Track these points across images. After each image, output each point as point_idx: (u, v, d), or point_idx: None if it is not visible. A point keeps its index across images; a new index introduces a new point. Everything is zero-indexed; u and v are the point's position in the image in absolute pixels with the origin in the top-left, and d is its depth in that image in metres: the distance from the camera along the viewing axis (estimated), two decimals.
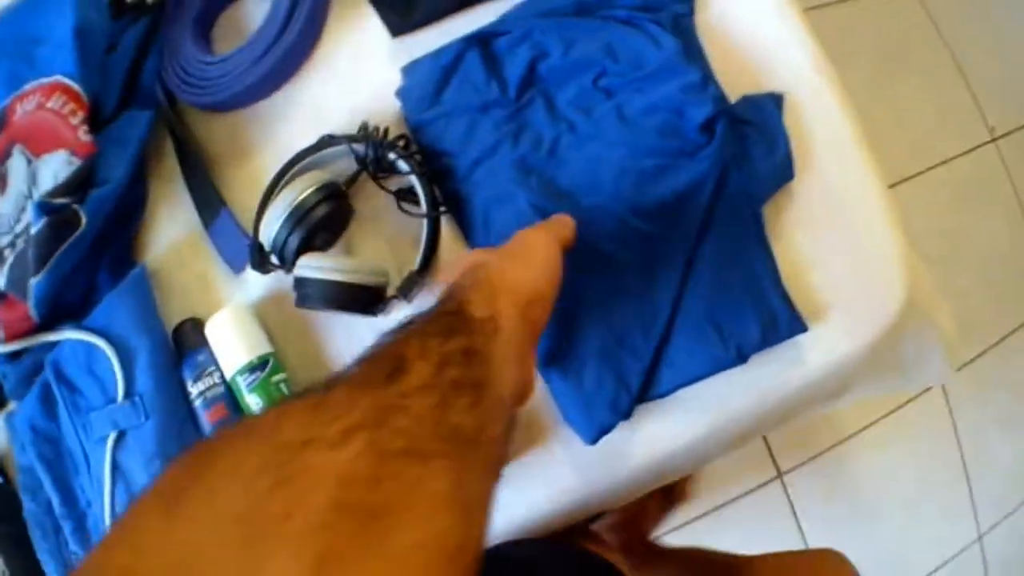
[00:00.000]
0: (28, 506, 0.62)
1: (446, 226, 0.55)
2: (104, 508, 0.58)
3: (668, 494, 1.14)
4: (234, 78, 0.59)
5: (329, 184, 0.53)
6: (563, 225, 0.46)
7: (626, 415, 0.49)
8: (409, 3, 0.59)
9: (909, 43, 1.37)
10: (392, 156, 0.53)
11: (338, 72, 0.59)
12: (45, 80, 0.65)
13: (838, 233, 0.50)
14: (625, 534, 1.07)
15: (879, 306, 0.48)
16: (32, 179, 0.63)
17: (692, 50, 0.53)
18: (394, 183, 0.55)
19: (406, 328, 0.33)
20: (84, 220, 0.57)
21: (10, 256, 0.61)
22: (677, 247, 0.50)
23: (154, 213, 0.62)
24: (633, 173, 0.51)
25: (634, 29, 0.53)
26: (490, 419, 0.30)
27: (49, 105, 0.63)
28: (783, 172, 0.51)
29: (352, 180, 0.56)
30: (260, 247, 0.54)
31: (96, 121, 0.63)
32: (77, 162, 0.60)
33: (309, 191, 0.52)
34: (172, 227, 0.61)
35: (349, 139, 0.55)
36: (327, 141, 0.55)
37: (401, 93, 0.56)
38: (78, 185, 0.59)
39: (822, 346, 0.49)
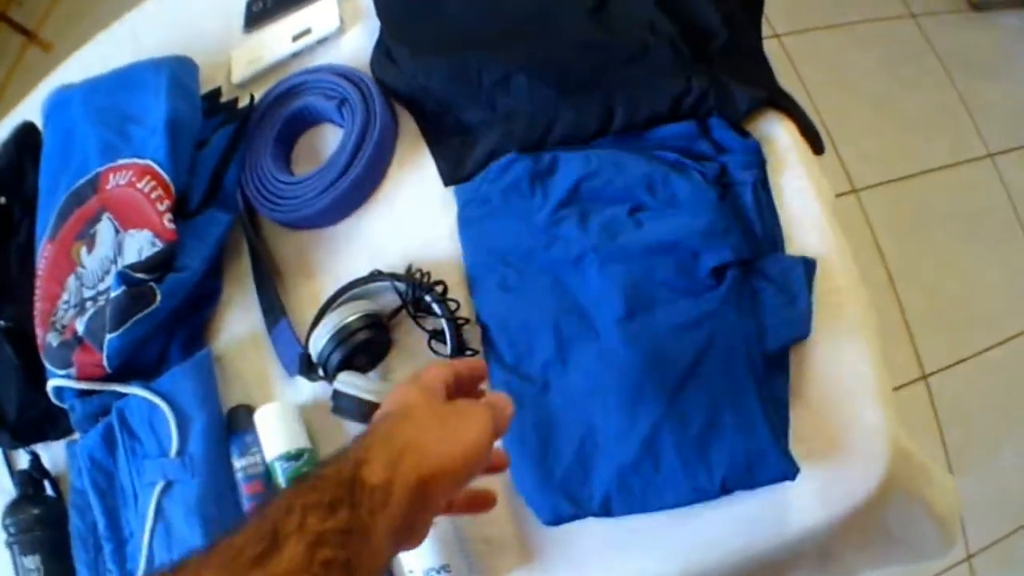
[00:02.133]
0: (75, 522, 0.73)
1: None
2: (143, 541, 0.69)
3: None
4: (304, 202, 0.69)
5: (373, 314, 0.64)
6: (505, 411, 0.44)
7: (589, 514, 0.54)
8: (461, 156, 0.69)
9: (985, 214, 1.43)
10: (429, 299, 0.64)
11: (397, 210, 0.70)
12: (139, 161, 0.74)
13: (832, 409, 0.53)
14: None
15: (859, 479, 0.51)
16: (118, 248, 0.73)
17: (750, 213, 0.58)
18: (429, 323, 0.66)
19: (297, 488, 0.33)
20: (159, 299, 0.67)
21: (91, 308, 0.71)
22: (667, 376, 0.54)
23: (226, 306, 0.73)
24: (642, 300, 0.56)
25: (680, 173, 0.60)
26: None
27: (140, 186, 0.73)
28: (799, 326, 0.54)
29: (394, 314, 0.66)
30: (309, 358, 0.64)
31: (180, 210, 0.73)
32: (160, 245, 0.70)
33: (354, 317, 0.62)
34: (240, 323, 0.72)
35: (394, 277, 0.65)
36: (376, 276, 0.66)
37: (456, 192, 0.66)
38: (158, 266, 0.69)
39: (797, 509, 0.52)
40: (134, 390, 0.70)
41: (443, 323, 0.64)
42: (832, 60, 1.59)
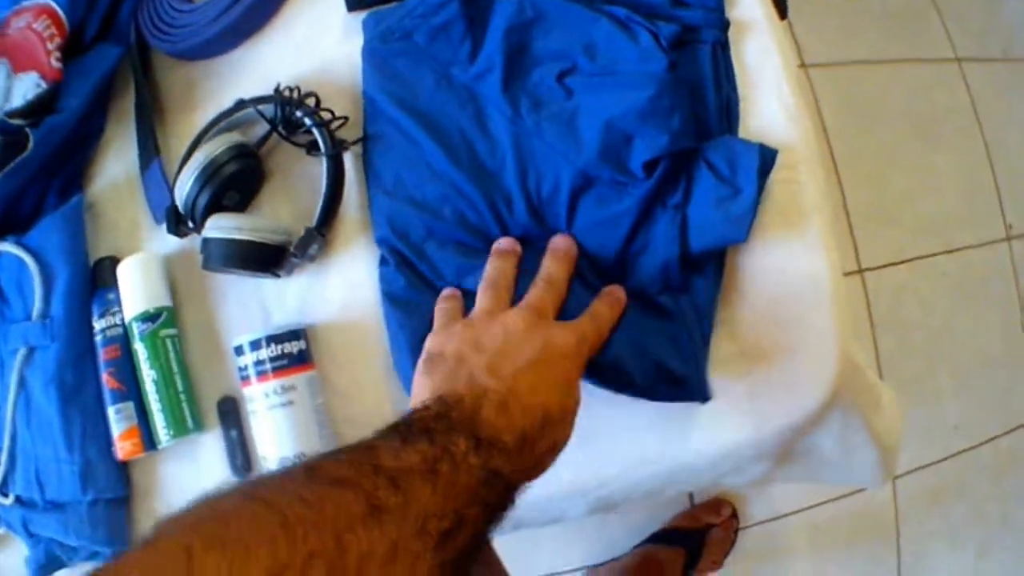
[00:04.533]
0: None
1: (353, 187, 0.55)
2: (7, 413, 0.61)
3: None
4: (196, 29, 0.60)
5: (239, 144, 0.54)
6: (601, 323, 0.44)
7: None
8: None
9: (943, 117, 1.27)
10: (300, 113, 0.54)
11: (294, 39, 0.60)
12: (40, 1, 0.67)
13: (778, 311, 0.47)
14: None
15: (798, 397, 0.46)
16: (6, 94, 0.66)
17: (706, 79, 0.49)
18: (305, 139, 0.55)
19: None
20: (31, 146, 0.60)
21: None
22: (587, 280, 0.48)
23: (106, 146, 0.64)
24: (559, 186, 0.48)
25: (626, 33, 0.49)
26: None
27: (35, 26, 0.66)
28: (733, 229, 0.46)
29: (262, 141, 0.57)
30: (176, 210, 0.55)
31: (74, 47, 0.66)
32: (44, 86, 0.63)
33: (219, 151, 0.53)
34: (117, 165, 0.63)
35: (258, 101, 0.56)
36: (241, 104, 0.56)
37: (365, 23, 0.56)
38: (39, 108, 0.61)
39: (723, 424, 0.47)
40: (3, 246, 0.63)
41: (315, 131, 0.54)
42: None
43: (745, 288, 0.47)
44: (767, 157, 0.46)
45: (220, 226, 0.52)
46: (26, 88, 0.64)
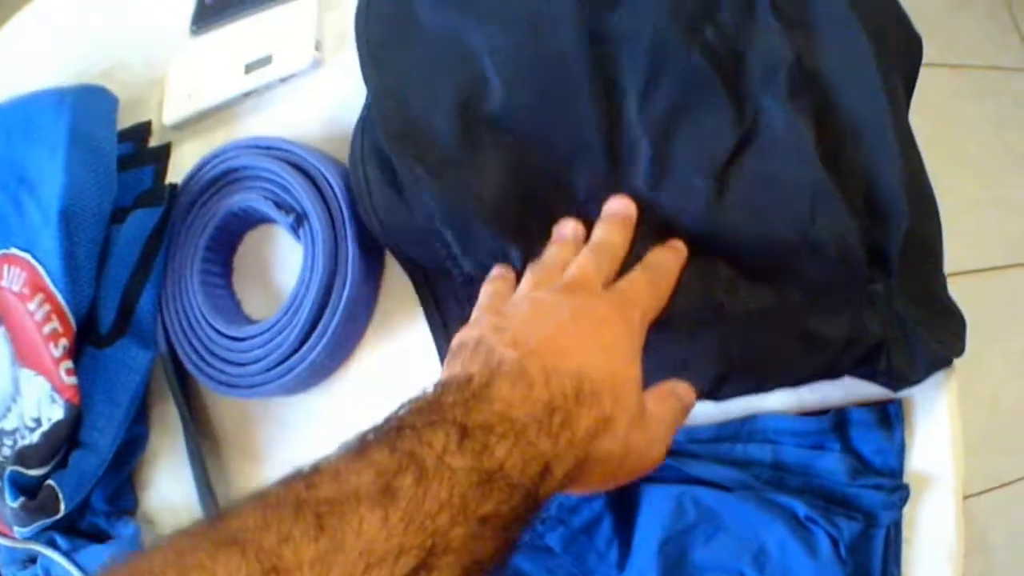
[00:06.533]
0: None
1: None
2: None
3: None
4: (250, 375, 0.47)
5: None
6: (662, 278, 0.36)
7: None
8: None
9: None
10: None
11: (376, 373, 0.49)
12: (30, 260, 0.53)
13: None
14: None
15: None
16: (16, 387, 0.54)
17: (875, 570, 0.40)
18: None
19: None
20: (63, 506, 0.50)
21: None
22: None
23: (154, 458, 0.56)
24: None
25: (803, 539, 0.40)
26: None
27: (31, 307, 0.53)
28: None
29: None
30: None
31: (87, 334, 0.53)
32: (59, 402, 0.51)
33: None
34: (172, 482, 0.54)
35: None
36: None
37: None
38: (58, 446, 0.51)
39: None
40: (53, 556, 0.55)
41: None
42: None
43: None
44: None
45: None
46: (39, 398, 0.53)
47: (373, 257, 0.48)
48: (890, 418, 0.41)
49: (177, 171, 0.54)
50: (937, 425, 0.42)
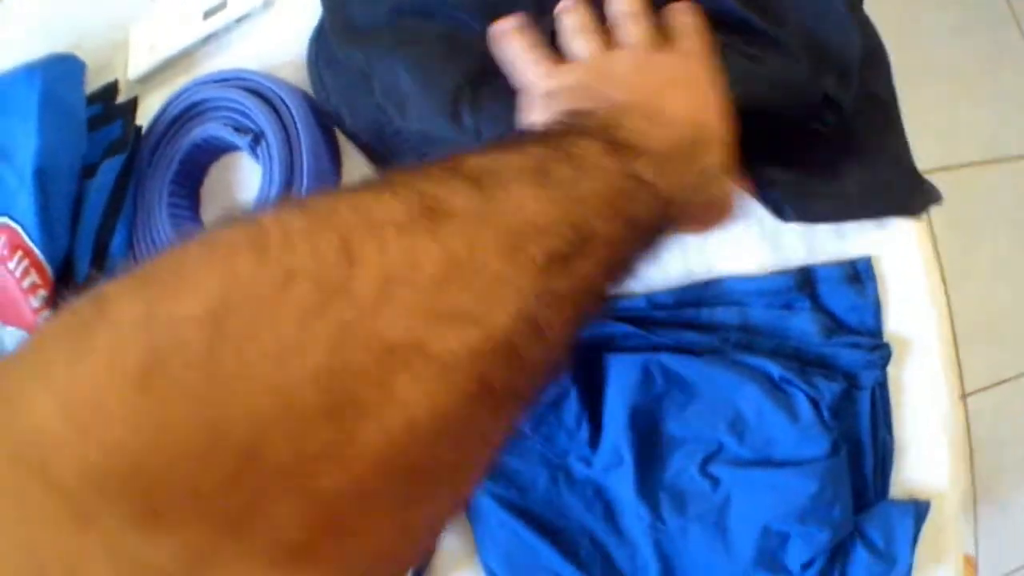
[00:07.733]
0: None
1: None
2: None
3: None
4: None
5: None
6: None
7: None
8: None
9: None
10: None
11: None
12: (9, 223, 0.54)
13: None
14: None
15: None
16: (1, 348, 0.55)
17: (864, 433, 0.39)
18: None
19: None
20: None
21: None
22: None
23: None
24: None
25: (780, 404, 0.38)
26: None
27: (10, 266, 0.53)
28: None
29: None
30: None
31: (64, 281, 0.54)
32: None
33: None
34: None
35: None
36: None
37: None
38: None
39: None
40: None
41: None
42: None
43: None
44: (920, 516, 0.39)
45: None
46: None
47: (326, 166, 0.48)
48: (860, 274, 0.40)
49: (145, 122, 0.55)
50: (913, 282, 0.41)
